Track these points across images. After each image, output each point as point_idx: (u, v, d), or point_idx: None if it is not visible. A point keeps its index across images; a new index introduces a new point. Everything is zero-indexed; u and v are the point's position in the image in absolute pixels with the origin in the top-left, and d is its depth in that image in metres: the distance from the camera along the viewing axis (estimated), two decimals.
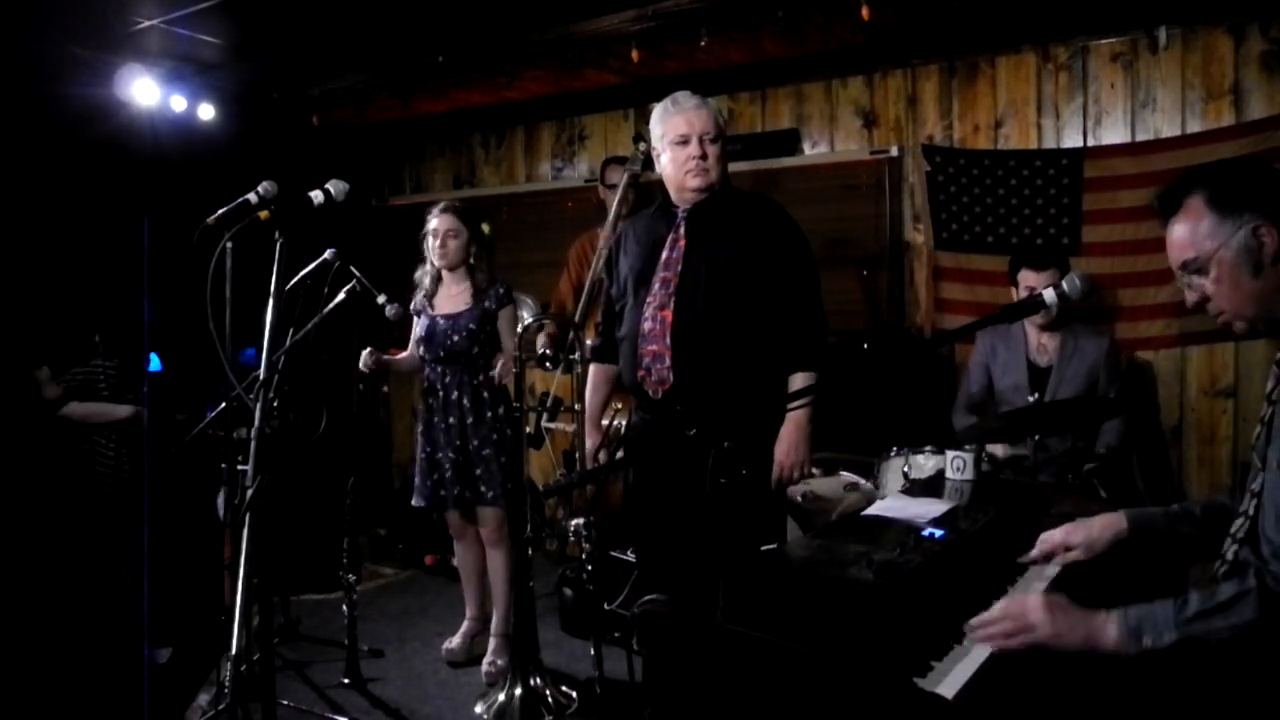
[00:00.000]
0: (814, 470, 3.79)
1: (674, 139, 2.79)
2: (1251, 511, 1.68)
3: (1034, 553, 2.02)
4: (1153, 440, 3.90)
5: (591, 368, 3.16)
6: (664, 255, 2.84)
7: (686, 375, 2.75)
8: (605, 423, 3.24)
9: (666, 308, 2.77)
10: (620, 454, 3.21)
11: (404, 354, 3.82)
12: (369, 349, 3.60)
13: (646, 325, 2.81)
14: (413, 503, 3.77)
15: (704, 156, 2.76)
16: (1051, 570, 2.00)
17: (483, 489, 3.61)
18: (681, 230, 2.84)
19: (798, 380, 2.76)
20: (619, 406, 3.29)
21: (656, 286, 2.82)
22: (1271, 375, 1.75)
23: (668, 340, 2.75)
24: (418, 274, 3.76)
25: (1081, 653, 1.58)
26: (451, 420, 3.62)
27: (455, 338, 3.61)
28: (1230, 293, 1.66)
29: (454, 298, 3.67)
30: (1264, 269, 1.63)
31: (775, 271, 2.76)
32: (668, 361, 2.76)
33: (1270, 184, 1.66)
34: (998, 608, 1.67)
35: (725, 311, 2.73)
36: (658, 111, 2.85)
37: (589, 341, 4.33)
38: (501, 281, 3.73)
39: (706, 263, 2.76)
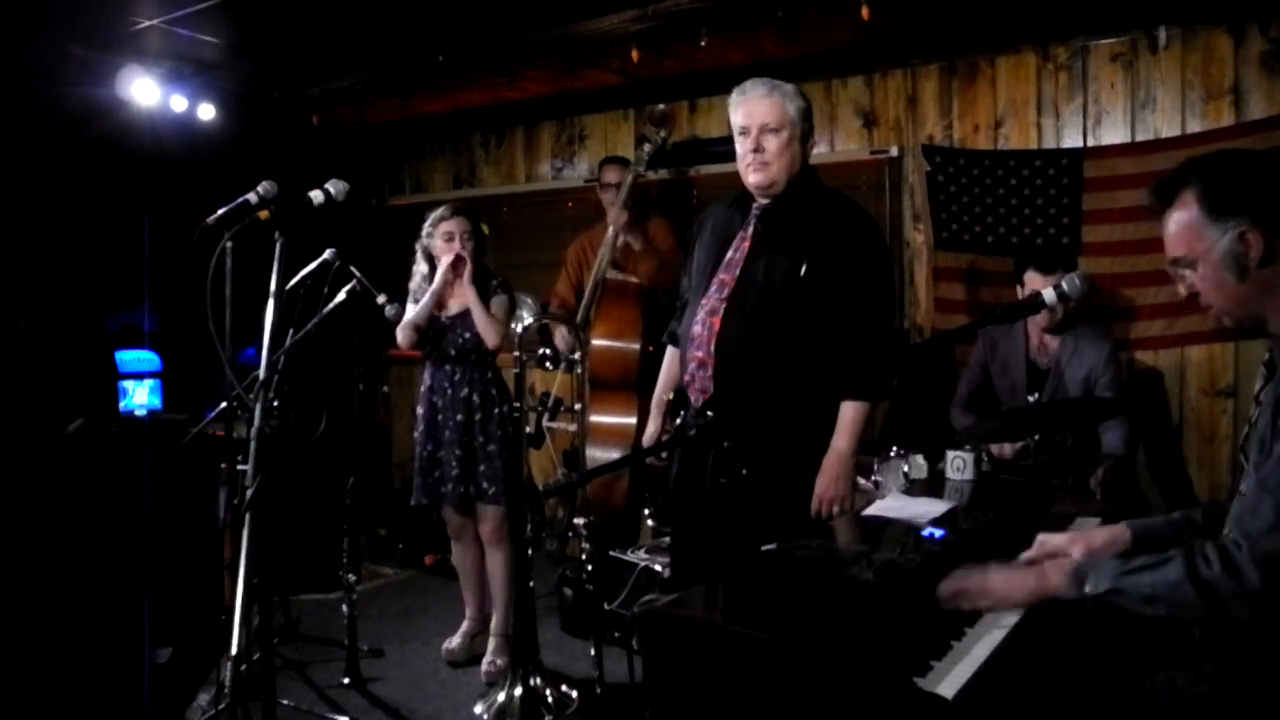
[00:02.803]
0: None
1: (737, 130, 2.62)
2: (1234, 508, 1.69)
3: (1031, 553, 2.02)
4: (1162, 443, 3.90)
5: (668, 350, 2.98)
6: (729, 254, 2.67)
7: (726, 389, 2.58)
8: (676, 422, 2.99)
9: (717, 314, 2.61)
10: (664, 454, 3.06)
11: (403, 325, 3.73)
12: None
13: (696, 329, 2.66)
14: (412, 501, 3.77)
15: (758, 150, 2.57)
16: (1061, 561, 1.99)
17: (485, 485, 3.61)
18: (750, 230, 2.65)
19: (848, 410, 2.57)
20: (670, 397, 3.16)
21: (713, 288, 2.65)
22: (1260, 376, 1.76)
23: (712, 349, 2.60)
24: (414, 283, 3.73)
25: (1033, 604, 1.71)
26: (459, 417, 3.62)
27: (466, 335, 3.63)
28: (1215, 293, 1.67)
29: (460, 296, 3.68)
30: (1248, 274, 1.63)
31: (840, 288, 2.54)
32: (710, 371, 2.61)
33: (1264, 184, 1.65)
34: (959, 574, 1.77)
35: (776, 327, 2.54)
36: (730, 101, 2.68)
37: (597, 342, 4.35)
38: (497, 275, 3.75)
39: (765, 270, 2.58)
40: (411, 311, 3.67)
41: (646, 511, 4.13)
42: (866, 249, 2.62)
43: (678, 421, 2.88)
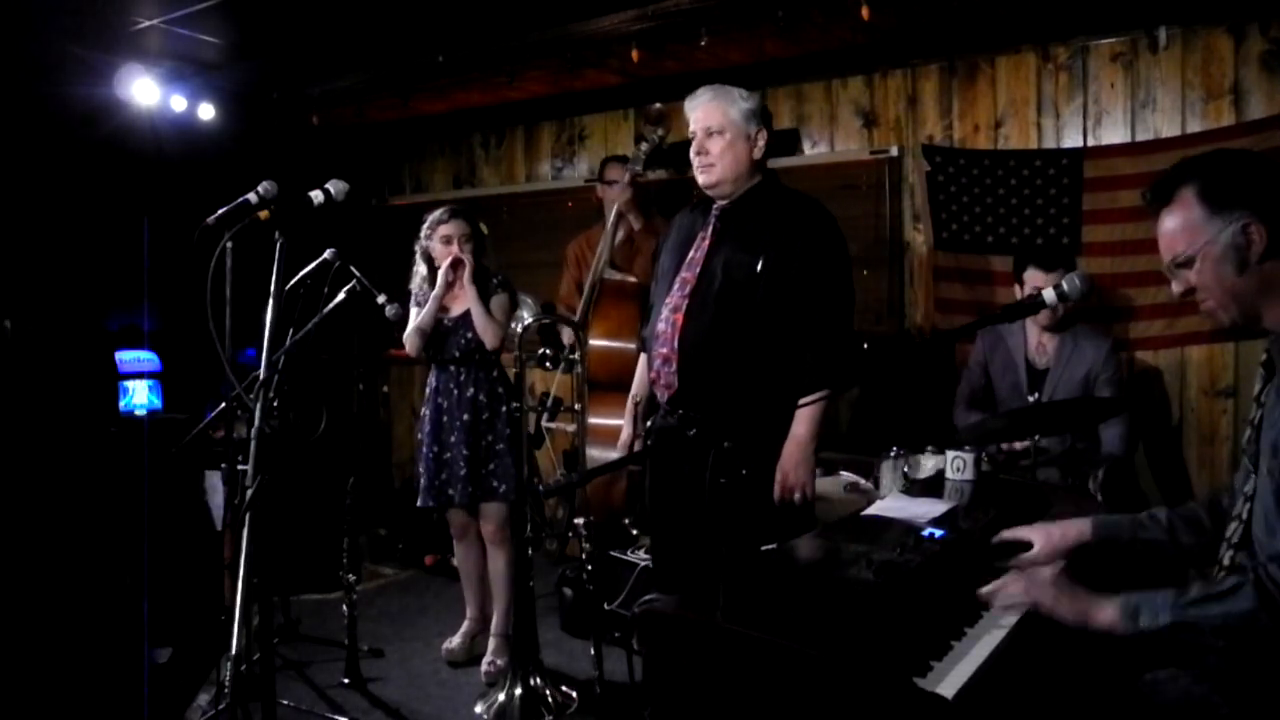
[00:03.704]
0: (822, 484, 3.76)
1: (689, 135, 2.71)
2: (1245, 515, 1.68)
3: (997, 537, 2.03)
4: (1162, 442, 3.90)
5: (641, 356, 3.05)
6: (690, 254, 2.76)
7: (690, 383, 2.67)
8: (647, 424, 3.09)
9: (679, 310, 2.70)
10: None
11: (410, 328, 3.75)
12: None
13: (660, 326, 2.74)
14: (418, 504, 3.76)
15: (702, 152, 2.67)
16: (1047, 574, 1.99)
17: (495, 484, 3.61)
18: (710, 229, 2.74)
19: (807, 400, 2.61)
20: (638, 400, 3.21)
21: (676, 286, 2.74)
22: (1259, 377, 1.76)
23: (675, 344, 2.68)
24: (414, 284, 3.73)
25: (1079, 630, 1.67)
26: (466, 417, 3.62)
27: (468, 336, 3.63)
28: (1213, 287, 1.66)
29: (460, 297, 3.68)
30: (1248, 267, 1.62)
31: (797, 280, 2.61)
32: (674, 366, 2.69)
33: (1264, 180, 1.65)
34: (1011, 576, 1.78)
35: (735, 320, 2.62)
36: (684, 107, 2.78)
37: (595, 342, 4.35)
38: (498, 273, 3.75)
39: (724, 267, 2.66)
40: (415, 318, 3.67)
41: (626, 521, 4.12)
42: (822, 243, 2.67)
43: (648, 424, 2.95)
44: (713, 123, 2.66)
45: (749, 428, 2.59)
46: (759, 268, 2.61)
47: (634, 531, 4.07)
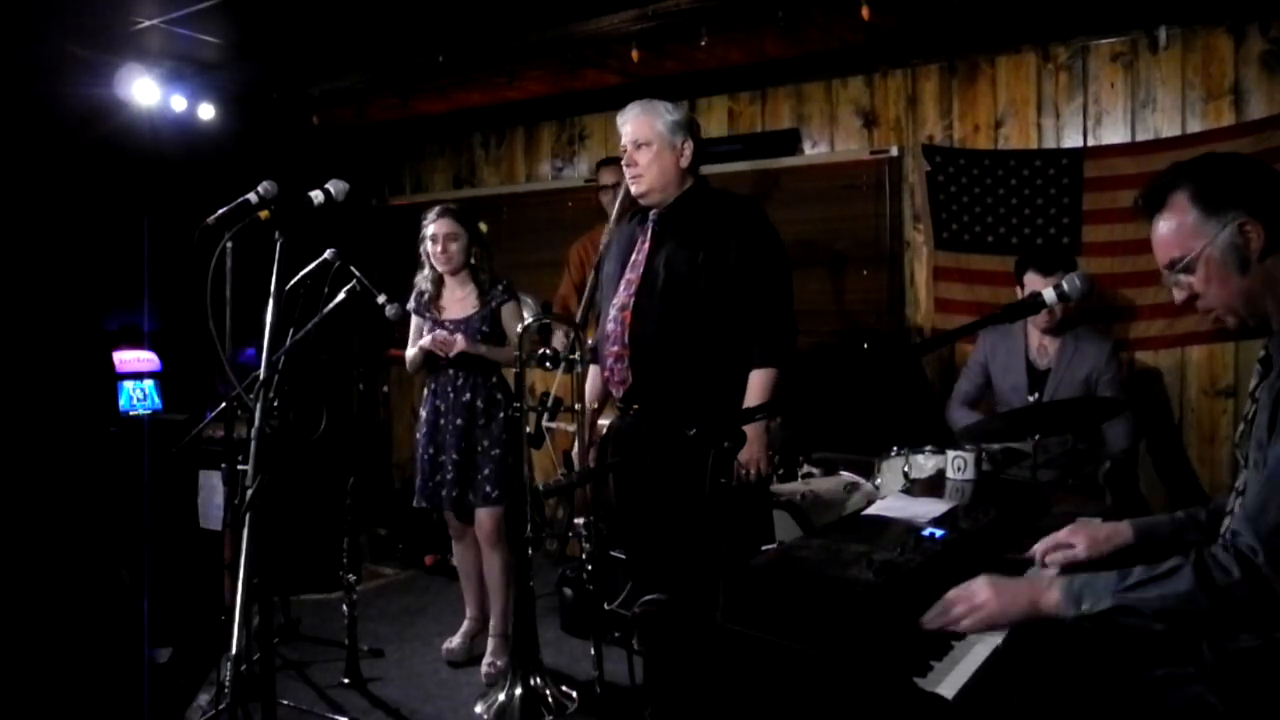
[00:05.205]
0: (797, 467, 3.79)
1: (621, 148, 2.88)
2: (1236, 510, 1.68)
3: (1036, 547, 2.02)
4: (1165, 439, 3.90)
5: (591, 368, 3.18)
6: (632, 258, 2.90)
7: (643, 375, 2.80)
8: (603, 423, 3.22)
9: (627, 309, 2.83)
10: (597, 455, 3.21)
11: (411, 352, 3.78)
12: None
13: (610, 326, 2.87)
14: (414, 503, 3.77)
15: (630, 164, 2.83)
16: (1049, 574, 1.99)
17: (489, 489, 3.61)
18: (649, 233, 2.89)
19: (755, 378, 2.73)
20: (595, 406, 3.27)
21: (621, 289, 2.88)
22: (1255, 373, 1.75)
23: (626, 340, 2.81)
24: (417, 279, 3.74)
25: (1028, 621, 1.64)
26: (459, 421, 3.62)
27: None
28: (1219, 290, 1.65)
29: (460, 301, 3.67)
30: (1251, 266, 1.62)
31: (735, 269, 2.75)
32: (626, 362, 2.81)
33: (1255, 179, 1.65)
34: (948, 595, 1.70)
35: (681, 312, 2.76)
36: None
37: (591, 341, 4.35)
38: (502, 278, 3.74)
39: (666, 264, 2.81)
40: (414, 330, 3.70)
41: (582, 521, 4.09)
42: (756, 234, 2.81)
43: (602, 422, 3.12)
44: (640, 135, 2.82)
45: (704, 413, 2.67)
46: (700, 260, 2.75)
47: (583, 532, 4.04)
